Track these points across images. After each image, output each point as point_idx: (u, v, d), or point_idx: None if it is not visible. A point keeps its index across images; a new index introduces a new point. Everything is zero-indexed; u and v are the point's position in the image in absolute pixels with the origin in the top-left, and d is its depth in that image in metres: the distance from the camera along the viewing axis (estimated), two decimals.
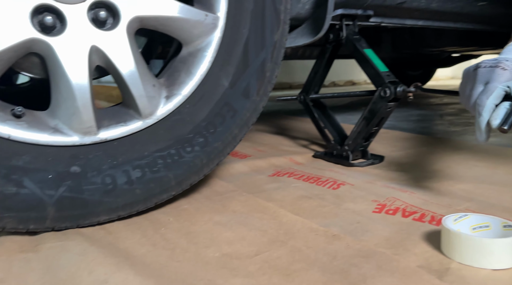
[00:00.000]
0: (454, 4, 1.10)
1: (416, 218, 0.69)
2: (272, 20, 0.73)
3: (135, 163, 0.67)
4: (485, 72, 0.64)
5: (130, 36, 0.65)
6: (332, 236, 0.63)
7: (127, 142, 0.67)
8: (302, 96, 1.16)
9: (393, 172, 0.98)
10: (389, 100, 0.94)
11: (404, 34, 1.93)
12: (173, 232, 0.65)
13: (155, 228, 0.67)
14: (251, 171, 1.01)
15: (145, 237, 0.63)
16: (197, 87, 0.70)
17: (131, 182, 0.66)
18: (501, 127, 0.60)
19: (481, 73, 0.64)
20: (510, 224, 0.55)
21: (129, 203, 0.67)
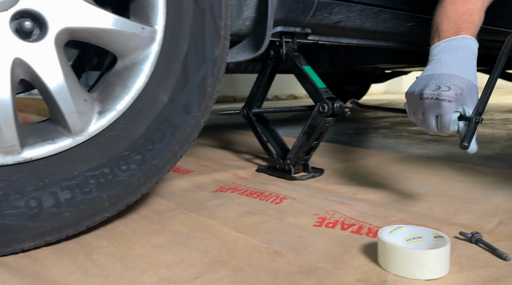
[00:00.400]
0: (386, 24, 1.16)
1: (354, 231, 0.70)
2: (212, 35, 0.72)
3: (64, 184, 0.62)
4: (433, 104, 0.69)
5: (59, 48, 0.61)
6: (275, 253, 0.62)
7: (55, 161, 0.62)
8: (245, 110, 1.16)
9: (332, 185, 1.00)
10: (327, 115, 0.97)
11: (340, 52, 2.02)
12: (106, 257, 0.61)
13: (87, 253, 0.62)
14: (193, 188, 0.98)
15: (75, 264, 0.58)
16: (133, 102, 0.67)
17: (59, 205, 0.61)
18: (461, 144, 0.67)
19: (429, 106, 0.70)
20: (440, 235, 0.58)
21: (58, 227, 0.62)
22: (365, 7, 1.07)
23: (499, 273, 0.55)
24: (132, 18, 0.68)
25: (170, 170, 0.73)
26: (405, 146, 1.54)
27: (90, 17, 0.62)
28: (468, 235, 0.65)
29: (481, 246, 0.63)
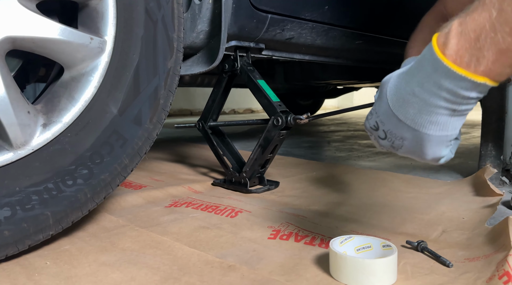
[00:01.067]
0: (336, 41, 1.21)
1: (308, 242, 0.71)
2: (164, 47, 0.72)
3: (3, 200, 0.58)
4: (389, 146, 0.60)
5: (0, 57, 0.57)
6: (228, 267, 0.61)
7: None
8: (201, 123, 1.16)
9: (287, 197, 1.01)
10: (281, 128, 0.98)
11: (294, 67, 2.07)
12: (50, 277, 0.57)
13: (28, 274, 0.58)
14: (146, 203, 0.95)
15: None
16: (80, 114, 0.64)
17: None
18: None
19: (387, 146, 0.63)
20: (388, 244, 0.60)
21: None
22: (315, 24, 1.11)
23: (442, 280, 0.58)
24: (81, 28, 0.66)
25: (119, 184, 0.70)
26: (356, 159, 1.60)
27: (34, 26, 0.59)
28: (414, 243, 0.68)
29: (426, 254, 0.66)
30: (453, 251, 0.67)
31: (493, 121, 1.18)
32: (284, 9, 1.02)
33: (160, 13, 0.71)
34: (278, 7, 1.01)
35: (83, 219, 0.79)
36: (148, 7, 0.69)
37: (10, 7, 0.58)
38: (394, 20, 1.36)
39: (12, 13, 0.58)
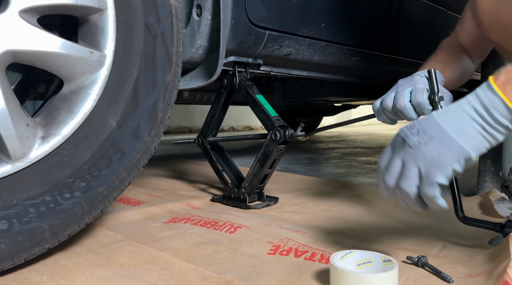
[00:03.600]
0: (333, 58, 1.23)
1: (308, 258, 0.70)
2: (163, 62, 0.72)
3: (0, 213, 0.57)
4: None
5: (0, 70, 0.58)
6: (226, 282, 0.60)
7: None
8: (200, 139, 1.16)
9: (286, 213, 1.01)
10: (279, 142, 0.98)
11: (292, 84, 2.08)
12: None
13: None
14: (144, 219, 0.94)
15: None
16: (79, 126, 0.65)
17: None
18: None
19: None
20: (389, 259, 0.59)
21: None
22: (313, 41, 1.13)
23: None
24: (81, 42, 0.67)
25: (117, 197, 0.70)
26: (355, 175, 1.59)
27: (35, 40, 0.60)
28: (414, 259, 0.67)
29: (427, 270, 0.65)
30: (454, 267, 0.66)
31: None
32: (282, 25, 1.04)
33: (160, 28, 0.72)
34: (276, 24, 1.02)
35: (80, 234, 0.78)
36: (148, 22, 0.70)
37: (11, 21, 0.59)
38: (390, 38, 1.38)
39: (13, 27, 0.59)
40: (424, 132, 0.56)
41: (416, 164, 0.56)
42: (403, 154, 0.58)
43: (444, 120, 0.56)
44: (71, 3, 0.63)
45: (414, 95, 0.75)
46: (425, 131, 0.56)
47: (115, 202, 1.08)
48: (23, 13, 0.59)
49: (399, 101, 0.76)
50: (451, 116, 0.56)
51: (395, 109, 0.78)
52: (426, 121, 0.57)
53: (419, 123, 0.58)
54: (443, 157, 0.54)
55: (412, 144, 0.56)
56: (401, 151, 0.58)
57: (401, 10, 1.35)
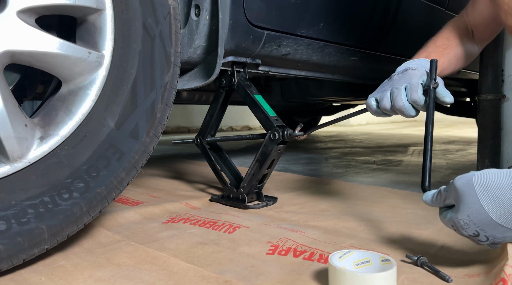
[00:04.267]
0: (331, 58, 1.23)
1: (306, 257, 0.70)
2: (162, 62, 0.72)
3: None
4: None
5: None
6: (224, 282, 0.60)
7: None
8: (199, 139, 1.16)
9: (285, 213, 1.01)
10: (278, 142, 0.98)
11: (291, 84, 2.09)
12: None
13: None
14: (143, 219, 0.94)
15: None
16: (77, 127, 0.64)
17: None
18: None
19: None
20: (387, 259, 0.60)
21: None
22: (311, 41, 1.13)
23: None
24: (79, 43, 0.67)
25: (115, 198, 0.70)
26: (353, 175, 1.59)
27: (33, 41, 0.60)
28: (413, 258, 0.67)
29: (425, 269, 0.65)
30: (453, 266, 0.66)
31: (489, 137, 1.19)
32: (280, 26, 1.04)
33: (158, 29, 0.71)
34: (274, 24, 1.02)
35: (79, 235, 0.78)
36: (146, 22, 0.70)
37: (9, 22, 0.58)
38: (388, 38, 1.38)
39: (11, 27, 0.58)
40: (494, 237, 0.57)
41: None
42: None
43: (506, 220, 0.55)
44: (69, 4, 0.63)
45: (409, 92, 0.75)
46: (495, 236, 0.57)
47: (114, 202, 1.08)
48: (21, 13, 0.59)
49: (397, 101, 0.76)
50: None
51: (394, 109, 0.78)
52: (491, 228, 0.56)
53: (481, 229, 0.57)
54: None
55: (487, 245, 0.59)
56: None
57: (399, 10, 1.35)
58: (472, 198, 0.56)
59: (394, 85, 0.78)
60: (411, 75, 0.76)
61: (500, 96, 1.12)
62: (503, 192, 0.54)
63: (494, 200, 0.54)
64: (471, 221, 0.56)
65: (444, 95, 0.75)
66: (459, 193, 0.58)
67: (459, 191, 0.58)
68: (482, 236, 0.57)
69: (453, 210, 0.60)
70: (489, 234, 0.56)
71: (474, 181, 0.56)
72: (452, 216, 0.60)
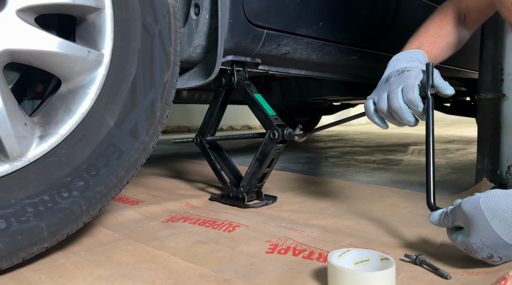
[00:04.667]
0: (331, 57, 1.23)
1: (306, 256, 0.71)
2: (161, 61, 0.72)
3: None
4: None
5: None
6: (224, 281, 0.60)
7: None
8: (199, 138, 1.16)
9: (285, 212, 1.01)
10: (277, 141, 0.98)
11: (291, 83, 2.08)
12: None
13: None
14: (143, 218, 0.95)
15: None
16: (77, 126, 0.65)
17: None
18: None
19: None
20: (386, 257, 0.60)
21: None
22: (311, 40, 1.13)
23: None
24: (78, 42, 0.67)
25: (115, 197, 0.70)
26: (353, 174, 1.59)
27: (33, 40, 0.60)
28: (412, 257, 0.68)
29: (425, 267, 0.65)
30: (452, 264, 0.66)
31: (489, 136, 1.19)
32: (280, 25, 1.04)
33: (157, 28, 0.72)
34: (274, 23, 1.02)
35: (78, 233, 0.78)
36: (146, 21, 0.70)
37: (9, 20, 0.59)
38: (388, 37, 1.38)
39: (10, 26, 0.59)
40: (507, 257, 0.58)
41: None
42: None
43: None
44: (69, 2, 0.63)
45: (405, 92, 0.75)
46: (508, 256, 0.58)
47: (114, 201, 1.08)
48: (21, 12, 0.59)
49: (394, 102, 0.76)
50: None
51: (390, 110, 0.77)
52: (504, 250, 0.58)
53: (495, 251, 0.58)
54: None
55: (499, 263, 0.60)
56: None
57: (399, 8, 1.35)
58: (482, 223, 0.57)
59: (391, 87, 0.78)
60: (407, 76, 0.76)
61: (500, 95, 1.12)
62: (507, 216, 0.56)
63: (504, 223, 0.56)
64: (484, 245, 0.58)
65: (445, 88, 0.74)
66: (468, 217, 0.59)
67: (468, 216, 0.59)
68: (496, 257, 0.58)
69: (464, 233, 0.62)
70: (502, 255, 0.58)
71: (481, 205, 0.58)
72: (464, 240, 0.61)
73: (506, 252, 0.58)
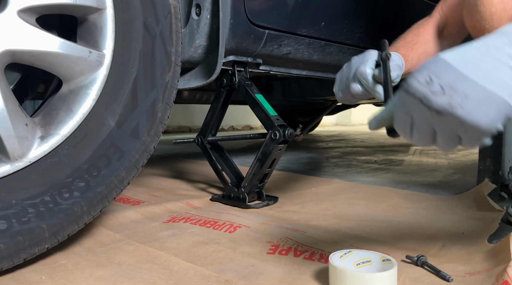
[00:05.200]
0: (332, 57, 1.23)
1: (307, 257, 0.70)
2: (162, 61, 0.72)
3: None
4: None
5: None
6: (225, 281, 0.60)
7: None
8: (200, 138, 1.16)
9: (286, 212, 1.00)
10: (279, 142, 0.98)
11: (292, 83, 2.08)
12: None
13: None
14: (143, 219, 0.94)
15: None
16: (78, 126, 0.65)
17: None
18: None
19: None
20: (388, 258, 0.59)
21: None
22: (312, 40, 1.13)
23: None
24: (80, 42, 0.67)
25: (116, 197, 0.70)
26: (355, 175, 1.59)
27: (34, 40, 0.60)
28: (414, 258, 0.67)
29: (426, 269, 0.65)
30: (453, 265, 0.66)
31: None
32: (281, 25, 1.04)
33: (158, 28, 0.71)
34: (275, 23, 1.02)
35: (80, 234, 0.78)
36: (147, 21, 0.70)
37: (10, 21, 0.59)
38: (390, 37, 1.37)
39: (11, 26, 0.59)
40: (452, 89, 0.43)
41: (455, 134, 0.45)
42: (431, 122, 0.45)
43: (471, 70, 0.43)
44: (70, 3, 0.63)
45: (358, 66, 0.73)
46: (453, 88, 0.43)
47: (115, 201, 1.08)
48: (22, 13, 0.59)
49: (350, 75, 0.75)
50: (479, 64, 0.43)
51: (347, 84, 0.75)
52: (444, 72, 0.43)
53: (435, 74, 0.44)
54: (487, 118, 0.42)
55: (441, 109, 0.43)
56: (426, 118, 0.45)
57: (401, 8, 1.35)
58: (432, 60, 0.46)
59: (351, 64, 0.77)
60: (365, 54, 0.76)
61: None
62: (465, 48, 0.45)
63: (457, 53, 0.45)
64: (424, 67, 0.45)
65: (393, 69, 0.73)
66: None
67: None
68: (436, 84, 0.44)
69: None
70: (446, 82, 0.43)
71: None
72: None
73: (452, 80, 0.43)
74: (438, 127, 0.45)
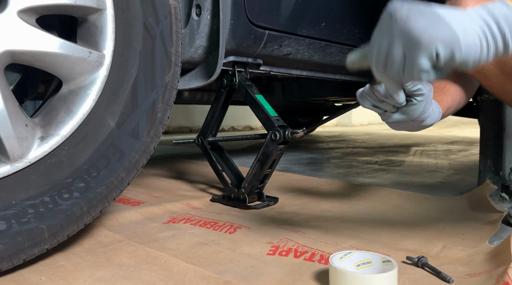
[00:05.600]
0: (333, 57, 1.22)
1: (307, 258, 0.70)
2: (162, 62, 0.72)
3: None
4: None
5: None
6: (225, 283, 0.60)
7: None
8: (200, 138, 1.16)
9: (286, 213, 1.00)
10: (279, 142, 0.98)
11: (292, 84, 2.08)
12: None
13: None
14: (143, 219, 0.94)
15: None
16: (78, 127, 0.65)
17: None
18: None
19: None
20: (388, 259, 0.59)
21: None
22: (313, 41, 1.12)
23: None
24: (80, 43, 0.67)
25: (116, 198, 0.70)
26: (355, 175, 1.59)
27: (33, 40, 0.60)
28: (414, 259, 0.67)
29: (426, 270, 0.65)
30: (454, 267, 0.66)
31: (492, 137, 1.18)
32: (282, 25, 1.04)
33: (159, 28, 0.71)
34: (275, 24, 1.02)
35: (79, 234, 0.78)
36: (147, 22, 0.70)
37: (10, 21, 0.59)
38: None
39: (11, 27, 0.59)
40: (417, 9, 0.47)
41: (401, 43, 0.48)
42: (389, 32, 0.49)
43: (444, 12, 0.47)
44: (70, 3, 0.63)
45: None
46: (418, 9, 0.47)
47: (115, 202, 1.08)
48: (22, 13, 0.59)
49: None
50: (454, 13, 0.47)
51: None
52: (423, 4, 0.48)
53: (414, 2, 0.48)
54: (429, 32, 0.45)
55: (399, 17, 0.48)
56: (387, 28, 0.50)
57: None
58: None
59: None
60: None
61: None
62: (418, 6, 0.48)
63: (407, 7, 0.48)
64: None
65: None
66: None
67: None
68: (407, 5, 0.49)
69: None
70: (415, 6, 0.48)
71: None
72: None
73: (420, 6, 0.48)
74: (393, 42, 0.49)
